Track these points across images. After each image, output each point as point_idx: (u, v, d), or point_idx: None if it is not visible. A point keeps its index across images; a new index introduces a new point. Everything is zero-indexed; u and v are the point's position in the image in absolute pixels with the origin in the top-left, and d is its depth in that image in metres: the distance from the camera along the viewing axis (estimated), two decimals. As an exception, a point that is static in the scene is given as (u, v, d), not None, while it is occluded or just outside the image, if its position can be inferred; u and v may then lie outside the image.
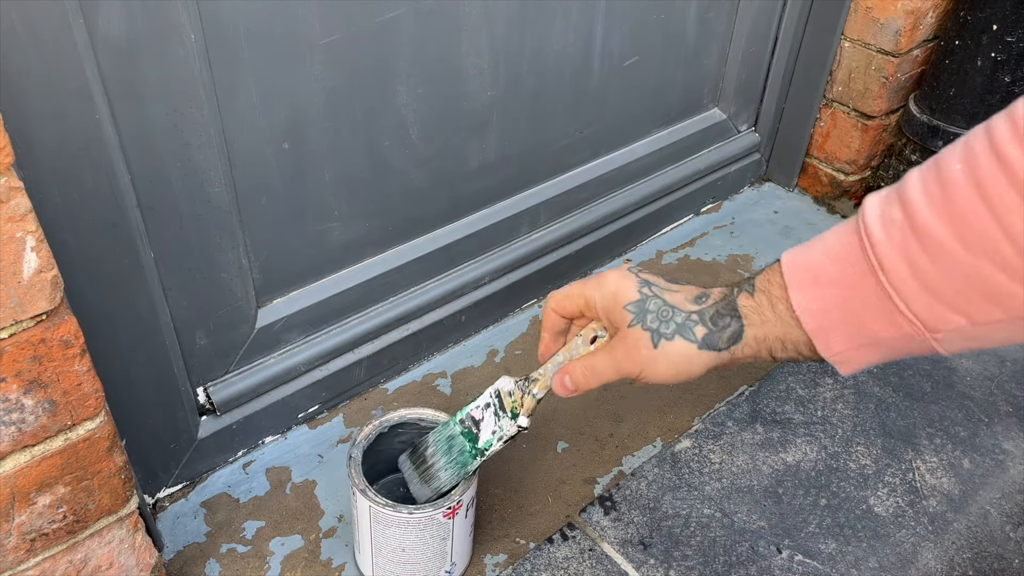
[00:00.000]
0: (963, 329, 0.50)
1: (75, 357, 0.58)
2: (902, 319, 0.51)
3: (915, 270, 0.50)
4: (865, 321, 0.52)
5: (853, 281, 0.52)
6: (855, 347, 0.54)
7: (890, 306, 0.51)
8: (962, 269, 0.48)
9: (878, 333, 0.52)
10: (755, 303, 0.58)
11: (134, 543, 0.71)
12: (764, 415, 1.05)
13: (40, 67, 0.60)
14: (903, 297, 0.50)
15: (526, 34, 0.94)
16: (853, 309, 0.53)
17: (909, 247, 0.50)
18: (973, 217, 0.47)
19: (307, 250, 0.91)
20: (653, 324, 0.60)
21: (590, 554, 0.89)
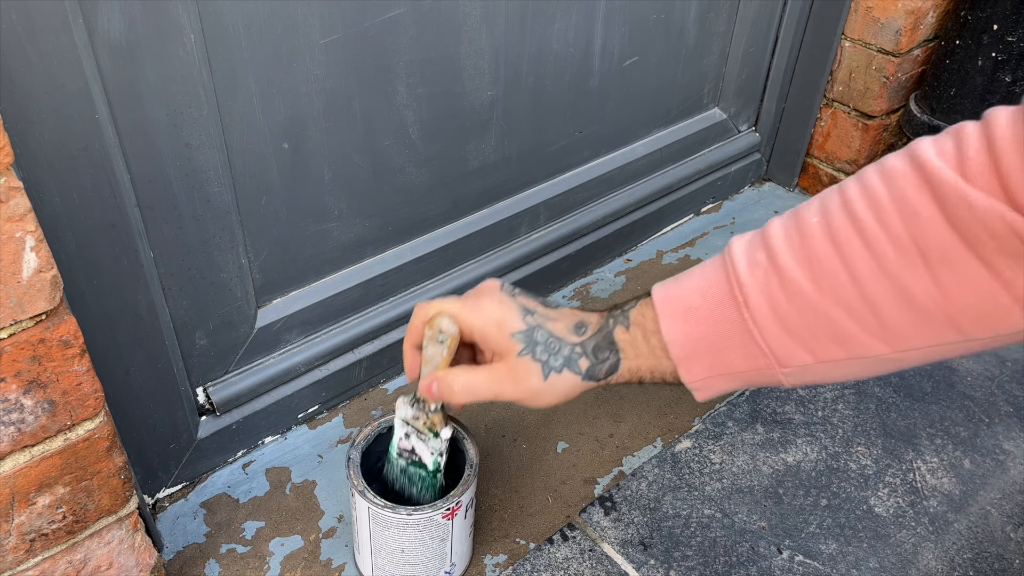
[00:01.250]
0: (808, 366, 0.55)
1: (75, 357, 0.58)
2: (758, 352, 0.56)
3: (774, 308, 0.54)
4: (725, 353, 0.57)
5: (719, 316, 0.57)
6: (713, 376, 0.58)
7: (749, 340, 0.56)
8: (814, 309, 0.53)
9: (735, 365, 0.57)
10: (630, 337, 0.61)
11: (134, 543, 0.71)
12: (764, 415, 1.05)
13: (40, 67, 0.60)
14: (761, 332, 0.55)
15: (526, 34, 0.94)
16: (716, 341, 0.57)
17: (771, 287, 0.54)
18: (826, 263, 0.53)
19: (307, 250, 0.91)
20: (543, 356, 0.61)
21: (590, 554, 0.89)
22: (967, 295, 0.50)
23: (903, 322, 0.52)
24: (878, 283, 0.51)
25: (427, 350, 0.67)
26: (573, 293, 1.21)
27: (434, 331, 0.66)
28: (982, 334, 0.52)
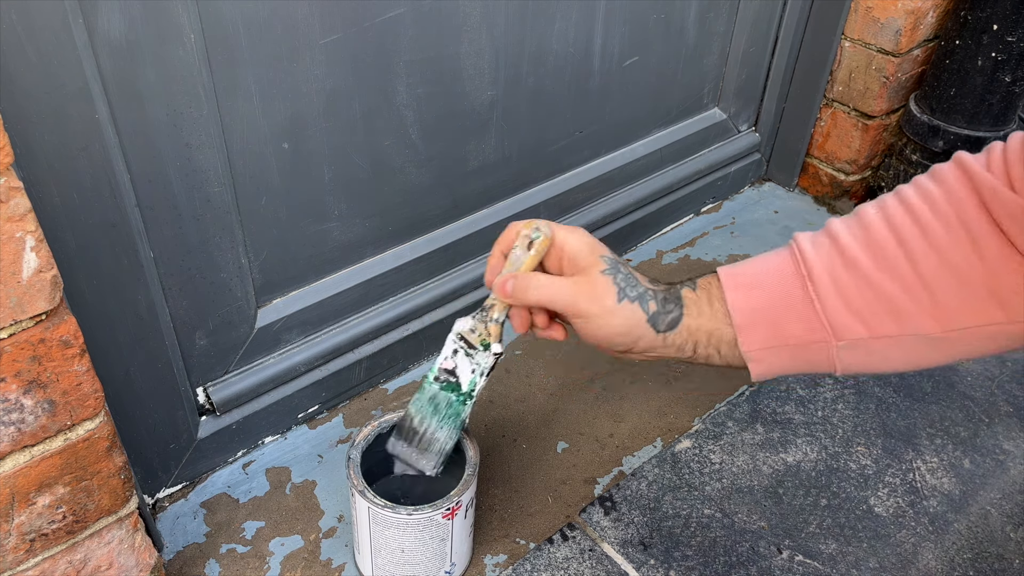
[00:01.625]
0: (863, 341, 0.60)
1: (75, 357, 0.58)
2: (818, 325, 0.60)
3: (835, 281, 0.59)
4: (785, 324, 0.61)
5: (783, 288, 0.61)
6: (770, 347, 0.62)
7: (810, 311, 0.60)
8: (871, 284, 0.59)
9: (793, 336, 0.61)
10: (695, 297, 0.64)
11: (134, 543, 0.71)
12: (764, 415, 1.05)
13: (40, 67, 0.60)
14: (822, 303, 0.59)
15: (526, 34, 0.94)
16: (778, 312, 0.61)
17: (833, 263, 0.60)
18: (883, 243, 0.59)
19: (307, 250, 0.91)
20: (622, 283, 0.64)
21: (590, 554, 0.89)
22: (1002, 270, 0.56)
23: (952, 298, 0.58)
24: (929, 260, 0.58)
25: (513, 252, 0.68)
26: (573, 293, 1.21)
27: (529, 230, 0.68)
28: (1021, 314, 0.57)
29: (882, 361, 0.61)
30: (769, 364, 0.62)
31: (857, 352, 0.60)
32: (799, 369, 0.63)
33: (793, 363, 0.62)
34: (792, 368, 0.63)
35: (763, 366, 0.62)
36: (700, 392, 1.07)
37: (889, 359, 0.61)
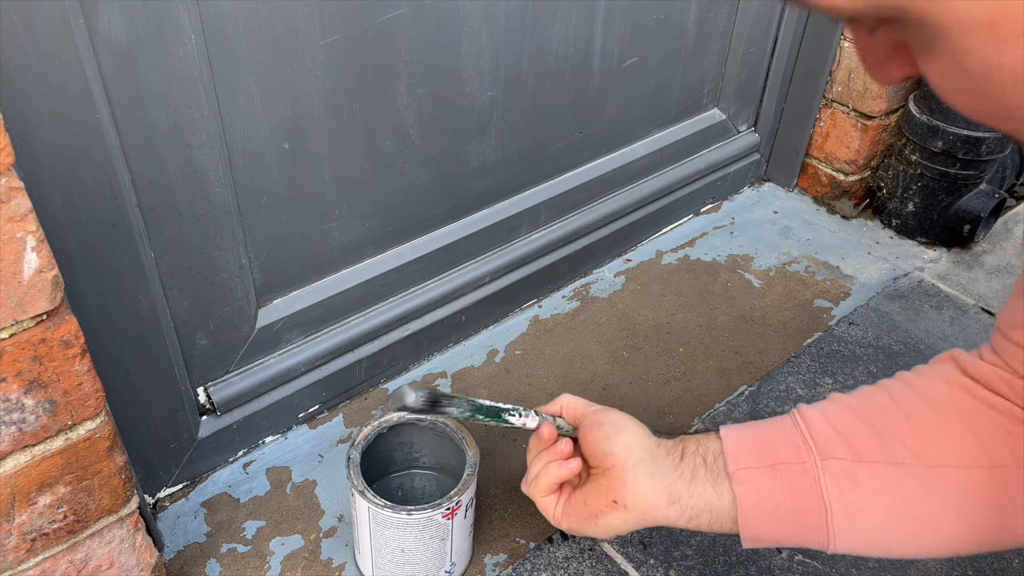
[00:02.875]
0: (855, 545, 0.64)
1: (75, 357, 0.58)
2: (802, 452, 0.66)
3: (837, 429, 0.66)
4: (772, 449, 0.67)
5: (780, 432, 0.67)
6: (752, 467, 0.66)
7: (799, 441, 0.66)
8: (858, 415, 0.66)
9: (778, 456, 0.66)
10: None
11: (134, 543, 0.71)
12: (764, 415, 1.05)
13: (40, 67, 0.61)
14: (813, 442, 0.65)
15: (526, 34, 0.95)
16: (767, 442, 0.67)
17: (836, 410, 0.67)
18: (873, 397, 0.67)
19: (307, 250, 0.91)
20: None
21: (590, 554, 0.89)
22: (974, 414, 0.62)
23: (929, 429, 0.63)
24: (909, 398, 0.65)
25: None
26: (573, 293, 1.21)
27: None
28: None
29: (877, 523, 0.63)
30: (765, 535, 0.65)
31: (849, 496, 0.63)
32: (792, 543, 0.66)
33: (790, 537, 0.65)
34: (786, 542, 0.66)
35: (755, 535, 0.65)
36: (700, 392, 1.07)
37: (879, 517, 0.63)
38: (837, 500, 0.62)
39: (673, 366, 1.11)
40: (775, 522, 0.64)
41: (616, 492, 0.67)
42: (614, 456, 0.68)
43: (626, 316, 1.18)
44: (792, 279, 1.26)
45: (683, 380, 1.09)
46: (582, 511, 0.69)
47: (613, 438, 0.69)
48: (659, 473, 0.66)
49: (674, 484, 0.66)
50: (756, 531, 0.65)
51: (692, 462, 0.67)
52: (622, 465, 0.67)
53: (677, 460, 0.67)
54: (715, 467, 0.66)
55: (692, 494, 0.65)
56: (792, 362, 1.12)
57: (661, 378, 1.09)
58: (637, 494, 0.66)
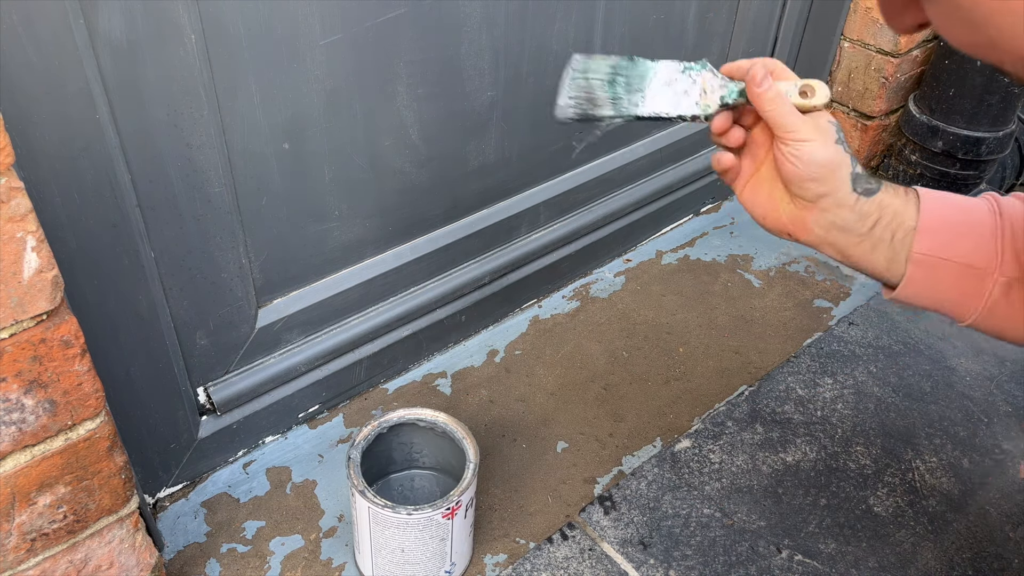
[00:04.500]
0: (1018, 282, 0.64)
1: (75, 357, 0.58)
2: (992, 252, 0.65)
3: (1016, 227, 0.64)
4: (964, 241, 0.65)
5: (977, 216, 0.66)
6: (937, 257, 0.65)
7: (991, 241, 0.65)
8: None
9: (964, 255, 0.65)
10: (895, 189, 0.67)
11: (134, 543, 0.71)
12: (764, 415, 1.05)
13: (40, 67, 0.61)
14: (1004, 239, 0.65)
15: (526, 34, 0.95)
16: (962, 228, 0.66)
17: (1014, 212, 0.65)
18: None
19: (307, 250, 0.91)
20: (842, 140, 0.68)
21: (590, 554, 0.89)
22: None
23: None
24: None
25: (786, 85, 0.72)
26: (573, 293, 1.21)
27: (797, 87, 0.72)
28: None
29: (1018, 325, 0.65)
30: (923, 278, 0.66)
31: (1009, 298, 0.64)
32: (943, 298, 0.66)
33: (944, 287, 0.66)
34: (937, 294, 0.66)
35: (917, 277, 0.65)
36: (700, 392, 1.07)
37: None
38: (992, 310, 0.65)
39: (673, 366, 1.11)
40: (926, 299, 0.67)
41: (796, 228, 0.69)
42: (805, 199, 0.68)
43: (626, 316, 1.18)
44: (792, 279, 1.26)
45: (683, 380, 1.09)
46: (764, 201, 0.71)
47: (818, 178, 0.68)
48: (842, 235, 0.68)
49: (852, 248, 0.68)
50: (908, 296, 0.66)
51: (880, 235, 0.67)
52: (811, 217, 0.68)
53: (867, 228, 0.67)
54: (901, 246, 0.67)
55: (865, 260, 0.68)
56: (792, 362, 1.12)
57: (661, 378, 1.09)
58: (810, 235, 0.69)
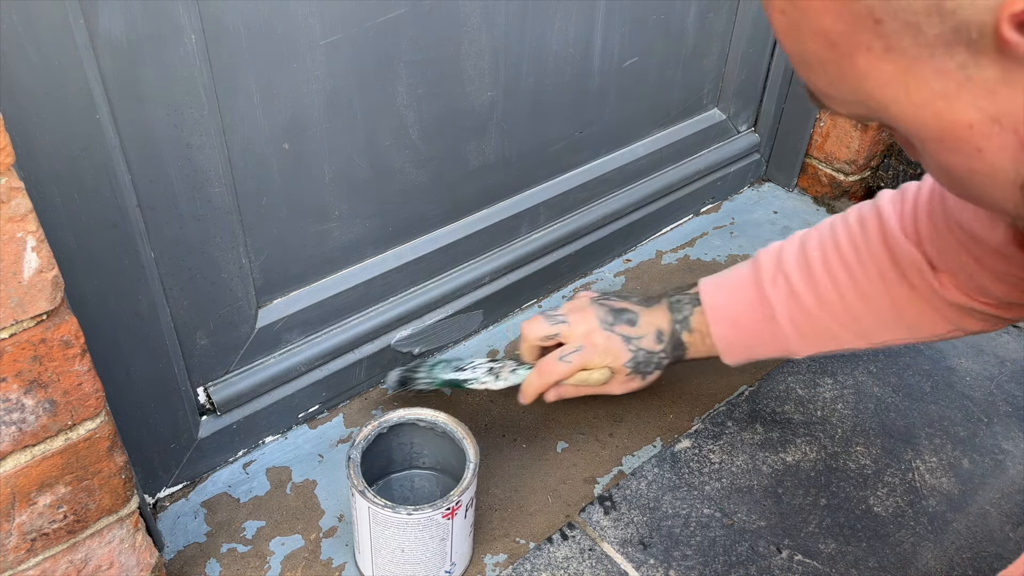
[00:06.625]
0: (812, 353, 0.86)
1: (75, 357, 0.58)
2: (780, 350, 0.87)
3: (794, 325, 0.84)
4: (757, 350, 0.88)
5: (756, 329, 0.86)
6: (740, 361, 0.90)
7: (776, 344, 0.86)
8: (816, 322, 0.83)
9: (759, 355, 0.89)
10: (692, 339, 0.90)
11: (134, 543, 0.71)
12: (764, 415, 1.05)
13: (40, 67, 0.61)
14: (786, 339, 0.85)
15: (526, 34, 0.95)
16: (752, 344, 0.88)
17: (792, 310, 0.84)
18: (823, 288, 0.82)
19: (307, 250, 0.91)
20: (642, 370, 0.91)
21: (590, 554, 0.89)
22: (904, 303, 0.80)
23: (872, 325, 0.82)
24: (855, 298, 0.81)
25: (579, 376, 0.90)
26: (573, 293, 1.21)
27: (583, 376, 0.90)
28: (919, 334, 0.82)
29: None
30: (739, 362, 0.91)
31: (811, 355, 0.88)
32: (758, 346, 0.89)
33: (752, 341, 0.88)
34: (752, 346, 0.89)
35: (734, 362, 0.91)
36: (700, 392, 1.07)
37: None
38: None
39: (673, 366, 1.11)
40: (749, 352, 0.90)
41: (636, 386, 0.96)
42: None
43: (626, 316, 1.18)
44: (792, 279, 1.26)
45: (683, 380, 1.09)
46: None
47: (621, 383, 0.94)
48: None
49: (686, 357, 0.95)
50: (734, 357, 0.90)
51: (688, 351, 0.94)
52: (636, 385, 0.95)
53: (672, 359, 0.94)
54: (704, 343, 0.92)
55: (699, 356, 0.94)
56: (792, 362, 1.12)
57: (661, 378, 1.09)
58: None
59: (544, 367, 0.89)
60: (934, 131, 0.39)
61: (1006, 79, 0.35)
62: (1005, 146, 0.38)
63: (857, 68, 0.39)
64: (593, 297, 0.92)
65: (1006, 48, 0.34)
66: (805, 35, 0.40)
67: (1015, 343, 1.16)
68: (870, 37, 0.37)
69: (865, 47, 0.38)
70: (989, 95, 0.36)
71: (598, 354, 0.88)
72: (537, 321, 0.90)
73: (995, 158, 0.38)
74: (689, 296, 0.90)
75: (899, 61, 0.37)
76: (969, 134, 0.38)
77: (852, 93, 0.41)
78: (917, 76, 0.37)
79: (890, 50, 0.37)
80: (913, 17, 0.35)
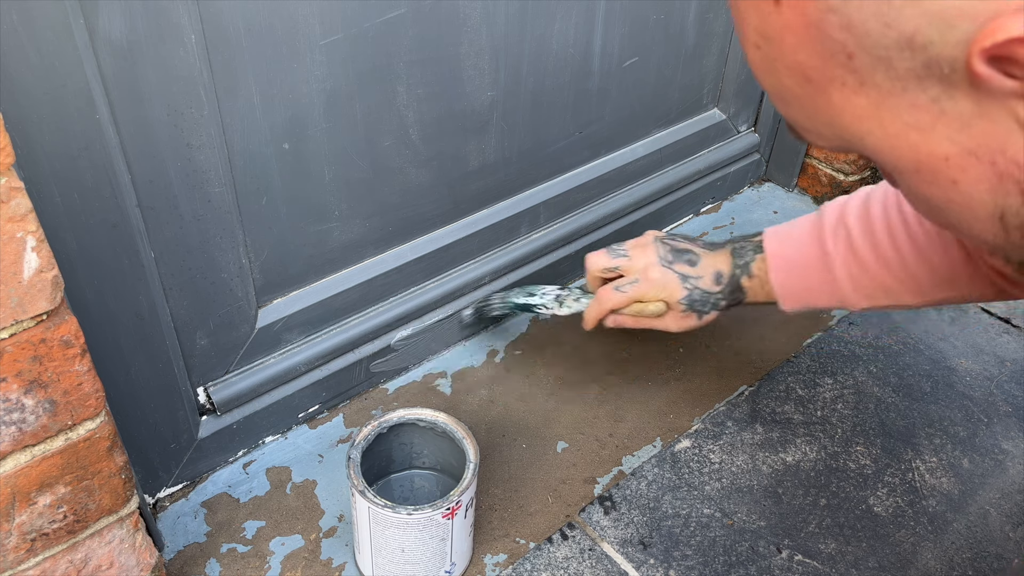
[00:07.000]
0: (866, 308, 0.87)
1: (75, 357, 0.58)
2: (835, 301, 0.87)
3: (851, 277, 0.85)
4: (813, 298, 0.89)
5: (815, 277, 0.87)
6: (797, 308, 0.90)
7: (832, 294, 0.87)
8: (874, 277, 0.84)
9: (817, 303, 0.89)
10: (751, 284, 0.91)
11: (134, 543, 0.71)
12: (764, 415, 1.05)
13: (40, 67, 0.61)
14: (841, 291, 0.86)
15: (526, 34, 0.95)
16: (809, 292, 0.88)
17: (849, 263, 0.84)
18: (883, 245, 0.83)
19: (307, 250, 0.91)
20: (698, 308, 0.93)
21: (590, 554, 0.89)
22: (958, 266, 0.79)
23: (926, 283, 0.82)
24: (912, 257, 0.81)
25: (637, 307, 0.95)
26: (573, 293, 1.21)
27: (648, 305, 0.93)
28: (970, 295, 0.82)
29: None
30: (794, 309, 0.91)
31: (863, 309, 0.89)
32: (814, 290, 0.89)
33: (805, 283, 0.89)
34: (807, 290, 0.89)
35: (789, 309, 0.91)
36: (700, 392, 1.07)
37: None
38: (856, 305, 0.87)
39: (673, 366, 1.11)
40: (805, 299, 0.89)
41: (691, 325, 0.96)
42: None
43: (626, 316, 1.18)
44: (792, 279, 1.26)
45: (683, 380, 1.09)
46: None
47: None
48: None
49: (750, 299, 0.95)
50: (791, 303, 0.90)
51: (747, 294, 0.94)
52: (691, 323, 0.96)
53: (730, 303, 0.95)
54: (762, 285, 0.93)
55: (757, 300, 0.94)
56: (792, 362, 1.12)
57: (661, 378, 1.09)
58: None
59: (602, 295, 0.93)
60: (910, 163, 0.39)
61: (980, 112, 0.35)
62: (982, 178, 0.38)
63: (832, 102, 0.39)
64: (658, 236, 0.94)
65: (978, 82, 0.34)
66: (780, 70, 0.40)
67: (1015, 343, 1.16)
68: (843, 72, 0.37)
69: (839, 81, 0.38)
70: (964, 128, 0.36)
71: (654, 288, 0.91)
72: (600, 254, 0.95)
73: (972, 190, 0.38)
74: (753, 243, 0.91)
75: (873, 95, 0.37)
76: (945, 166, 0.38)
77: (828, 127, 0.41)
78: (891, 110, 0.37)
79: (863, 84, 0.37)
80: (885, 52, 0.35)
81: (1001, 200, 0.38)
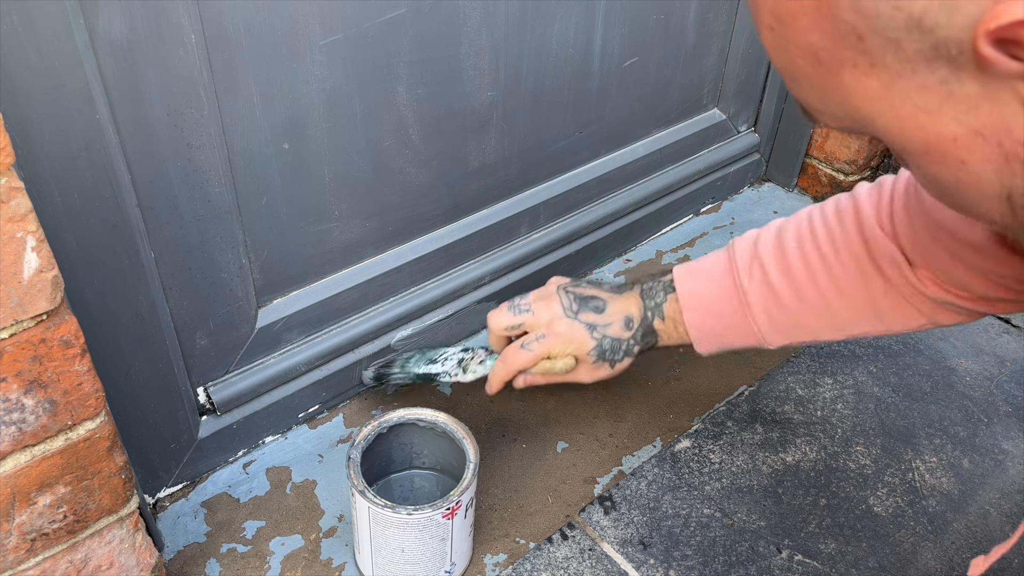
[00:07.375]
0: (783, 346, 0.86)
1: (75, 357, 0.58)
2: (753, 340, 0.85)
3: (769, 315, 0.83)
4: (730, 339, 0.86)
5: (732, 317, 0.84)
6: (713, 350, 0.88)
7: (749, 334, 0.84)
8: (792, 315, 0.82)
9: (732, 345, 0.87)
10: (665, 327, 0.88)
11: (134, 543, 0.71)
12: (764, 415, 1.05)
13: (40, 67, 0.61)
14: (759, 329, 0.83)
15: (526, 34, 0.95)
16: (726, 332, 0.86)
17: (767, 300, 0.82)
18: (800, 281, 0.81)
19: (307, 250, 0.91)
20: (610, 357, 0.88)
21: (590, 554, 0.89)
22: (879, 296, 0.79)
23: (847, 317, 0.81)
24: (831, 291, 0.80)
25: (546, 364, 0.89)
26: (573, 293, 1.21)
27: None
28: (893, 327, 0.81)
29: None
30: (711, 351, 0.89)
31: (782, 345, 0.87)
32: (728, 333, 0.87)
33: (721, 328, 0.86)
34: (723, 335, 0.87)
35: (705, 351, 0.89)
36: (700, 392, 1.07)
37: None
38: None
39: (673, 366, 1.11)
40: (721, 341, 0.87)
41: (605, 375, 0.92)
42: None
43: (626, 316, 1.18)
44: (792, 279, 1.26)
45: (683, 380, 1.09)
46: None
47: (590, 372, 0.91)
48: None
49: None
50: (706, 346, 0.88)
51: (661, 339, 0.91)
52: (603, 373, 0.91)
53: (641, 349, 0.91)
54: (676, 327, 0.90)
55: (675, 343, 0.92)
56: (792, 362, 1.12)
57: (661, 378, 1.09)
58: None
59: (508, 355, 0.88)
60: (920, 144, 0.40)
61: (987, 94, 0.36)
62: (989, 159, 0.38)
63: (843, 83, 0.40)
64: (561, 284, 0.90)
65: (985, 64, 0.35)
66: (792, 52, 0.41)
67: (1015, 343, 1.16)
68: (854, 53, 0.38)
69: (850, 63, 0.39)
70: (971, 110, 0.37)
71: (561, 342, 0.86)
72: (502, 311, 0.90)
73: (979, 170, 0.39)
74: (663, 283, 0.88)
75: (883, 77, 0.38)
76: (953, 147, 0.39)
77: (840, 108, 0.41)
78: (901, 91, 0.38)
79: (874, 66, 0.38)
80: (894, 34, 0.36)
81: (1007, 180, 0.39)
